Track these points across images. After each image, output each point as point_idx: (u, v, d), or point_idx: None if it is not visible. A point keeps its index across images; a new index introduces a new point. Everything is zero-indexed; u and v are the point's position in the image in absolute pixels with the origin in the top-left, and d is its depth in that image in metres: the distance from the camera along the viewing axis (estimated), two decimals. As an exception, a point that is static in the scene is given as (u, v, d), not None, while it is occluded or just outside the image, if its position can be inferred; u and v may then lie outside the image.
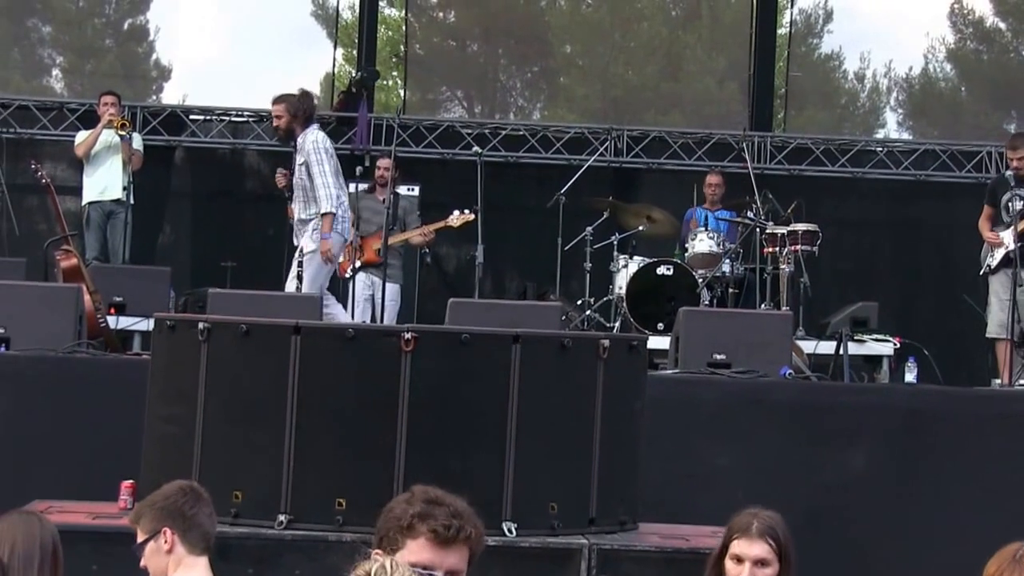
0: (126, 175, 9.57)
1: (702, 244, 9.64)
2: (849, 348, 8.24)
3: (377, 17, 12.99)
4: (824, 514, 6.46)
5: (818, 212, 10.25)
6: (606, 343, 5.08)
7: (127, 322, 8.61)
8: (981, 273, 8.77)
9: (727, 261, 9.59)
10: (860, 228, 12.36)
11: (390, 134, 11.44)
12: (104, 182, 9.86)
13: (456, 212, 9.42)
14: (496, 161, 11.60)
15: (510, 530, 4.81)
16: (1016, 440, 6.65)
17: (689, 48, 18.60)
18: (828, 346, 8.61)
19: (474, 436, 4.91)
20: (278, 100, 8.49)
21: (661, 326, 8.97)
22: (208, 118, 11.94)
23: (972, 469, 6.59)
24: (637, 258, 9.55)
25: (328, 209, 8.21)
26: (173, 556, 3.55)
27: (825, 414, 6.69)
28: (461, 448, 4.87)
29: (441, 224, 9.53)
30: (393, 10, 16.89)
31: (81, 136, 10.06)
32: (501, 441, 4.84)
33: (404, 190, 10.63)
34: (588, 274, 9.63)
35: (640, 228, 9.92)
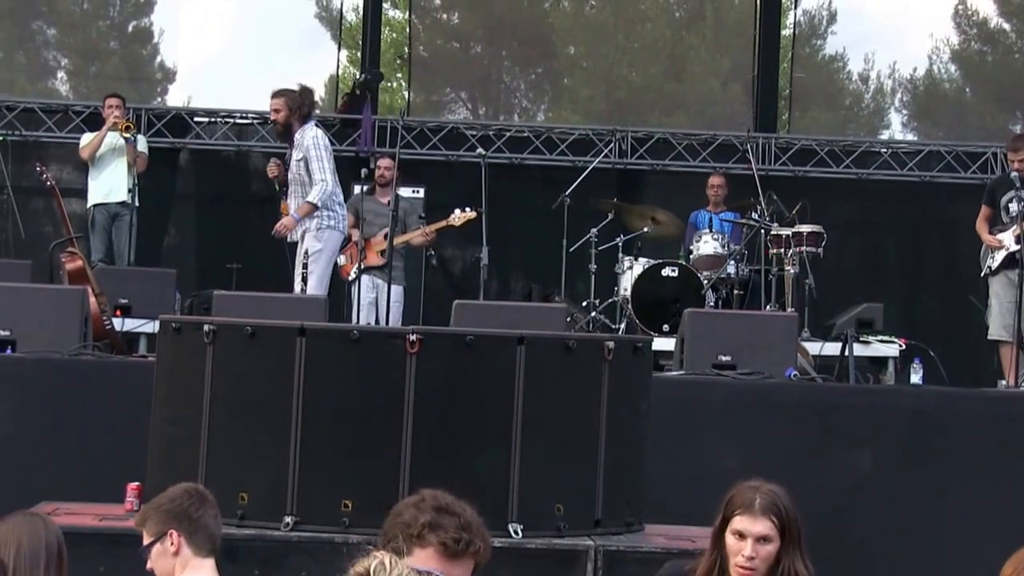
0: (131, 177, 9.56)
1: (707, 246, 9.64)
2: (855, 349, 8.23)
3: (381, 19, 12.94)
4: (830, 515, 6.45)
5: (823, 213, 10.23)
6: (611, 345, 5.08)
7: (132, 324, 8.61)
8: (982, 275, 8.76)
9: (732, 262, 9.59)
10: (865, 229, 12.35)
11: (394, 136, 11.46)
12: (109, 184, 9.85)
13: (457, 211, 9.35)
14: (500, 163, 11.60)
15: (516, 531, 4.81)
16: (1022, 441, 6.64)
17: (693, 49, 18.56)
18: (834, 347, 8.60)
19: (479, 437, 4.92)
20: (277, 94, 8.50)
21: (666, 327, 8.98)
22: (212, 120, 11.93)
23: (978, 470, 6.58)
24: (642, 259, 9.56)
25: (313, 200, 8.30)
26: (180, 558, 3.56)
27: (831, 415, 6.68)
28: (467, 450, 4.88)
29: (443, 224, 9.45)
30: (397, 12, 16.89)
31: (86, 139, 10.07)
32: (507, 442, 4.84)
33: (409, 192, 10.59)
34: (593, 275, 9.62)
35: (645, 230, 9.91)
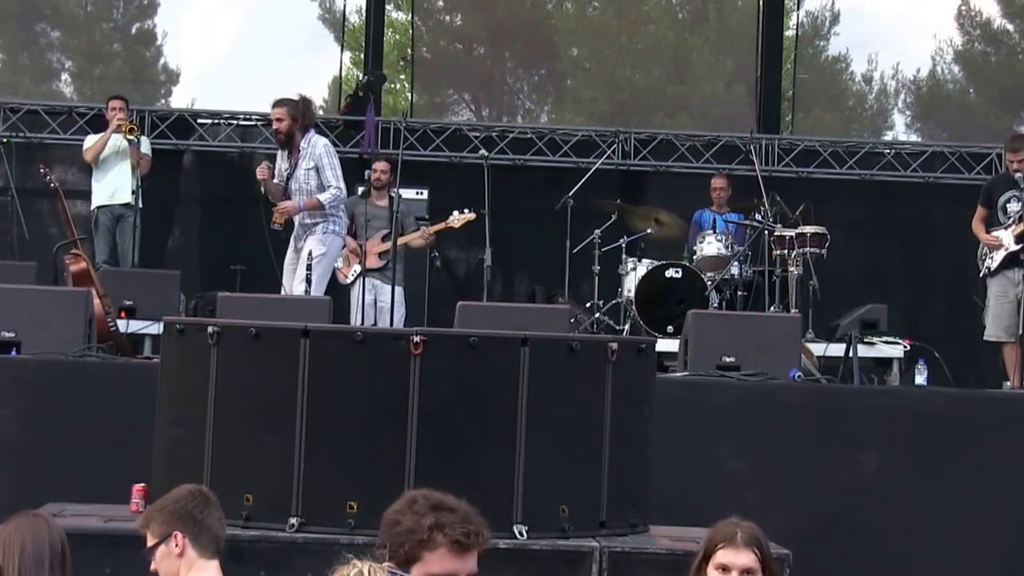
0: (135, 179, 9.57)
1: (711, 247, 9.63)
2: (859, 350, 8.21)
3: (384, 21, 12.94)
4: (834, 516, 6.46)
5: (826, 214, 10.22)
6: (615, 346, 5.09)
7: (137, 326, 8.61)
8: (980, 275, 8.74)
9: (736, 264, 9.59)
10: (869, 230, 12.33)
11: (397, 137, 11.44)
12: (113, 186, 9.86)
13: (456, 212, 9.33)
14: (504, 164, 11.59)
15: (521, 533, 4.81)
16: (1026, 442, 6.64)
17: (696, 51, 18.57)
18: (838, 348, 8.60)
19: (484, 439, 4.92)
20: (279, 103, 8.49)
21: (670, 329, 8.97)
22: (216, 122, 11.93)
23: (982, 471, 6.58)
24: (646, 261, 9.55)
25: (324, 200, 8.39)
26: (184, 559, 3.56)
27: (835, 416, 6.68)
28: (471, 451, 4.88)
29: (442, 226, 9.43)
30: (400, 13, 16.92)
31: (90, 141, 10.07)
32: (511, 444, 4.85)
33: (412, 194, 10.58)
34: (597, 277, 9.62)
35: (648, 231, 9.91)
